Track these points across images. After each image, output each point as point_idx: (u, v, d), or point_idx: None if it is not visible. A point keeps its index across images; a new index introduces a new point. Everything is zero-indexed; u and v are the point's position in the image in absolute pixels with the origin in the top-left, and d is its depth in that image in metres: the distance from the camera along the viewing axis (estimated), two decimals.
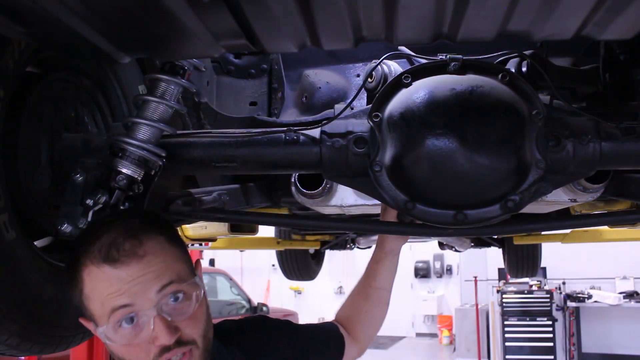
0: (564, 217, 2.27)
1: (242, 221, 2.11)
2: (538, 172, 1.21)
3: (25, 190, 1.32)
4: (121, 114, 1.59)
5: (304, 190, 1.79)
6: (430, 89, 1.20)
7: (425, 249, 11.88)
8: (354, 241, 4.71)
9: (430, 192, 1.22)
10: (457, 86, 1.19)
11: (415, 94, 1.21)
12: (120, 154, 1.24)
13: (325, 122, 1.33)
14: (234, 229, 3.44)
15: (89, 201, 1.20)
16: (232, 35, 1.06)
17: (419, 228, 1.39)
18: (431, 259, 14.00)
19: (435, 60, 1.26)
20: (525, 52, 1.47)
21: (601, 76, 1.60)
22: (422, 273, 14.08)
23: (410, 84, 1.24)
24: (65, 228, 1.20)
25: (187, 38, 1.08)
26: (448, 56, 1.24)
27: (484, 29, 1.08)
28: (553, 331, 9.85)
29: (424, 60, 1.31)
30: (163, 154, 1.28)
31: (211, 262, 12.72)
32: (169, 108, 1.27)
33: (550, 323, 9.88)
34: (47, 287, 1.28)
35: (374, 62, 1.48)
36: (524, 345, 9.87)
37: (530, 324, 9.91)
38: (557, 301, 10.14)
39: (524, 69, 1.49)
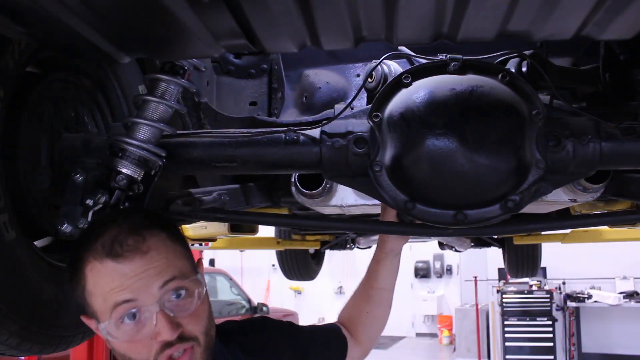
0: (564, 217, 2.27)
1: (242, 221, 2.11)
2: (538, 172, 1.21)
3: (25, 190, 1.32)
4: (121, 114, 1.59)
5: (304, 190, 1.79)
6: (430, 89, 1.20)
7: (425, 249, 11.88)
8: (354, 241, 4.71)
9: (430, 192, 1.22)
10: (457, 86, 1.19)
11: (415, 94, 1.21)
12: (120, 154, 1.24)
13: (325, 122, 1.32)
14: (234, 229, 3.44)
15: (89, 201, 1.20)
16: (232, 35, 1.06)
17: (419, 228, 1.39)
18: (431, 259, 13.99)
19: (435, 60, 1.26)
20: (525, 52, 1.47)
21: (601, 76, 1.60)
22: (422, 273, 14.08)
23: (410, 84, 1.24)
24: (65, 228, 1.20)
25: (187, 38, 1.08)
26: (448, 56, 1.24)
27: (484, 29, 1.08)
28: (553, 331, 9.85)
29: (424, 60, 1.31)
30: (163, 154, 1.28)
31: (211, 262, 12.71)
32: (169, 108, 1.27)
33: (550, 323, 9.88)
34: (47, 287, 1.28)
35: (374, 62, 1.48)
36: (524, 345, 9.87)
37: (530, 324, 9.91)
38: (557, 301, 10.14)
39: (524, 69, 1.49)
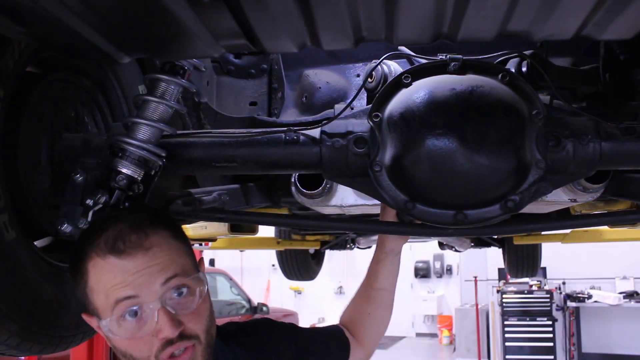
0: (564, 217, 2.27)
1: (242, 221, 2.11)
2: (538, 172, 1.21)
3: (25, 190, 1.32)
4: (121, 114, 1.59)
5: (304, 190, 1.79)
6: (430, 89, 1.20)
7: (425, 249, 11.88)
8: (354, 241, 4.71)
9: (430, 192, 1.22)
10: (457, 86, 1.19)
11: (415, 94, 1.21)
12: (120, 154, 1.23)
13: (325, 122, 1.32)
14: (234, 229, 3.44)
15: (89, 201, 1.20)
16: (232, 35, 1.06)
17: (419, 228, 1.39)
18: (431, 259, 14.00)
19: (435, 60, 1.26)
20: (525, 52, 1.47)
21: (601, 76, 1.60)
22: (422, 273, 14.08)
23: (410, 84, 1.24)
24: (65, 228, 1.20)
25: (187, 38, 1.08)
26: (448, 56, 1.23)
27: (484, 29, 1.08)
28: (553, 331, 9.85)
29: (424, 60, 1.30)
30: (163, 154, 1.28)
31: (211, 262, 12.70)
32: (169, 108, 1.27)
33: (550, 323, 9.88)
34: (47, 287, 1.28)
35: (374, 62, 1.48)
36: (524, 345, 9.87)
37: (530, 324, 9.91)
38: (557, 301, 10.14)
39: (524, 69, 1.49)
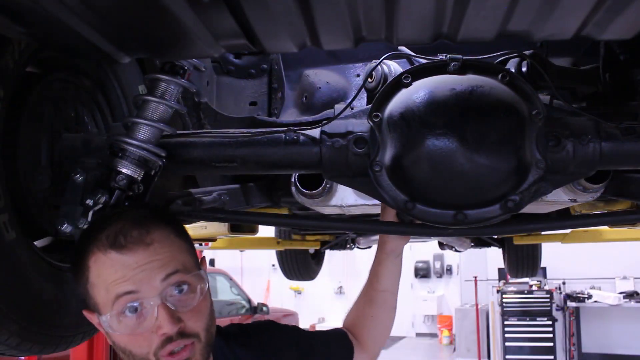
0: (564, 217, 2.27)
1: (242, 221, 2.11)
2: (538, 172, 1.21)
3: (25, 190, 1.32)
4: (121, 114, 1.59)
5: (304, 190, 1.79)
6: (430, 89, 1.20)
7: (425, 249, 11.87)
8: (354, 241, 4.71)
9: (430, 192, 1.22)
10: (457, 86, 1.19)
11: (415, 94, 1.21)
12: (120, 154, 1.23)
13: (325, 122, 1.32)
14: (234, 229, 3.44)
15: (89, 201, 1.20)
16: (232, 35, 1.06)
17: (419, 228, 1.39)
18: (431, 259, 14.00)
19: (435, 60, 1.26)
20: (525, 52, 1.47)
21: (601, 76, 1.60)
22: (422, 273, 14.08)
23: (410, 84, 1.23)
24: (65, 228, 1.20)
25: (187, 38, 1.08)
26: (448, 56, 1.23)
27: (484, 29, 1.08)
28: (553, 331, 9.85)
29: (424, 60, 1.30)
30: (163, 154, 1.28)
31: (211, 262, 12.70)
32: (169, 108, 1.27)
33: (550, 323, 9.88)
34: (47, 287, 1.28)
35: (374, 62, 1.48)
36: (524, 345, 9.87)
37: (530, 324, 9.91)
38: (557, 301, 10.14)
39: (524, 69, 1.49)
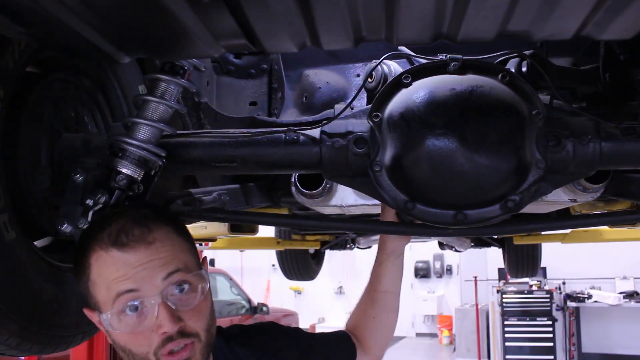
0: (564, 217, 2.27)
1: (242, 221, 2.11)
2: (538, 172, 1.21)
3: (25, 190, 1.32)
4: (121, 114, 1.59)
5: (304, 190, 1.79)
6: (430, 89, 1.20)
7: (425, 249, 11.86)
8: (354, 241, 4.72)
9: (430, 192, 1.22)
10: (457, 86, 1.19)
11: (415, 94, 1.21)
12: (120, 154, 1.23)
13: (325, 122, 1.32)
14: (234, 229, 3.44)
15: (89, 201, 1.20)
16: (232, 35, 1.06)
17: (419, 228, 1.39)
18: (431, 259, 13.99)
19: (435, 60, 1.26)
20: (525, 52, 1.47)
21: (601, 76, 1.60)
22: (422, 273, 14.08)
23: (410, 84, 1.24)
24: (65, 228, 1.20)
25: (187, 38, 1.08)
26: (448, 56, 1.23)
27: (484, 29, 1.08)
28: (553, 331, 9.85)
29: (424, 60, 1.30)
30: (163, 154, 1.28)
31: (211, 262, 12.69)
32: (169, 108, 1.27)
33: (550, 323, 9.88)
34: (47, 287, 1.28)
35: (374, 62, 1.48)
36: (524, 345, 9.87)
37: (530, 324, 9.91)
38: (557, 301, 10.14)
39: (524, 69, 1.48)
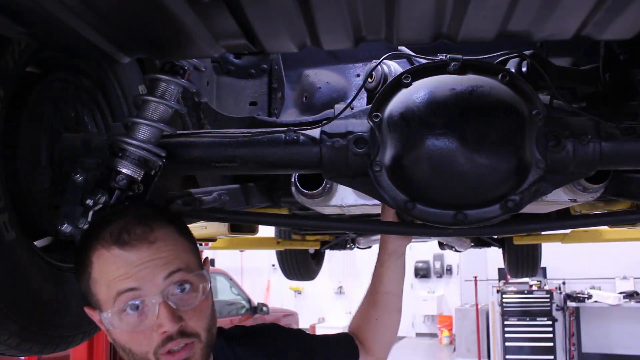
0: (564, 217, 2.27)
1: (242, 221, 2.11)
2: (538, 172, 1.21)
3: (25, 190, 1.32)
4: (121, 114, 1.59)
5: (304, 190, 1.79)
6: (430, 89, 1.20)
7: (425, 249, 11.86)
8: (354, 241, 4.71)
9: (430, 192, 1.22)
10: (457, 86, 1.19)
11: (415, 94, 1.21)
12: (120, 154, 1.24)
13: (325, 122, 1.32)
14: (234, 229, 3.44)
15: (89, 201, 1.20)
16: (232, 35, 1.06)
17: (419, 228, 1.39)
18: (431, 259, 13.99)
19: (435, 60, 1.26)
20: (525, 52, 1.47)
21: (601, 76, 1.60)
22: (422, 273, 14.08)
23: (410, 84, 1.24)
24: (65, 228, 1.20)
25: (188, 38, 1.08)
26: (448, 56, 1.24)
27: (484, 29, 1.08)
28: (553, 331, 9.85)
29: (424, 60, 1.30)
30: (163, 154, 1.28)
31: (211, 262, 12.60)
32: (169, 108, 1.27)
33: (550, 323, 9.89)
34: (47, 287, 1.28)
35: (374, 62, 1.48)
36: (524, 345, 9.87)
37: (530, 324, 9.91)
38: (557, 301, 10.14)
39: (524, 69, 1.48)
